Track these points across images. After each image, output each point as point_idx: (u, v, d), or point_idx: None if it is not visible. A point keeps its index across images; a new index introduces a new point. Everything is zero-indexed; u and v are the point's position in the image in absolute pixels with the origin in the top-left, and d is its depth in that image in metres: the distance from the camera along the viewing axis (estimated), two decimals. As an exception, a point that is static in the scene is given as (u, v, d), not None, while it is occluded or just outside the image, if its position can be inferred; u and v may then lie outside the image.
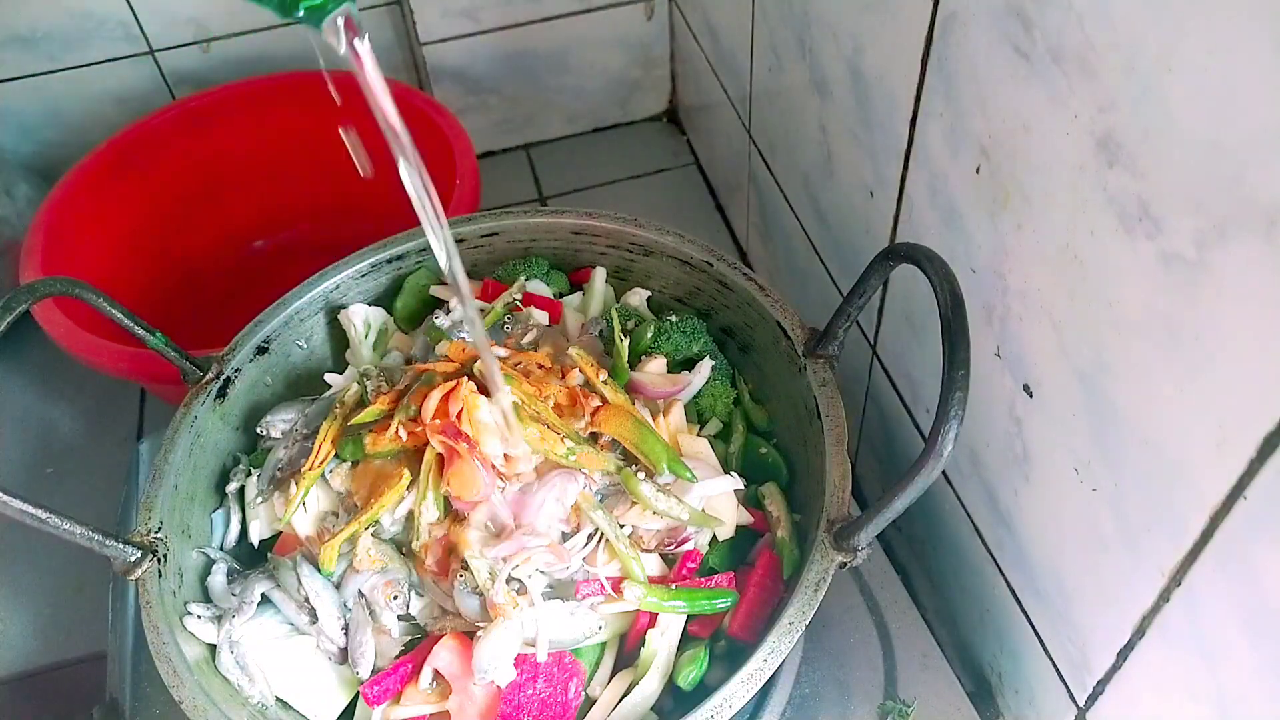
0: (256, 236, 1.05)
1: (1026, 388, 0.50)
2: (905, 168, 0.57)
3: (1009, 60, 0.43)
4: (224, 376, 0.59)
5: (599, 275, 0.64)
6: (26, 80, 1.02)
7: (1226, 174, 0.33)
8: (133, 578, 0.50)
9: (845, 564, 0.47)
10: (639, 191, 1.14)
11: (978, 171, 0.49)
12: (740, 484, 0.54)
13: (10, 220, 0.98)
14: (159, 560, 0.51)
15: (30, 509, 0.45)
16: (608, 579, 0.50)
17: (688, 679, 0.49)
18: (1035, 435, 0.50)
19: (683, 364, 0.60)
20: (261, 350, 0.61)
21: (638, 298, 0.64)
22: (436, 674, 0.49)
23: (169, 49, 1.04)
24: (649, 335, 0.60)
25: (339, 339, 0.64)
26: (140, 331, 0.55)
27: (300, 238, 1.06)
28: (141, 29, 1.01)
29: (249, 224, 1.04)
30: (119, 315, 0.54)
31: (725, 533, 0.54)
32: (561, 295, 0.65)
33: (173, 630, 0.50)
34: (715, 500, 0.54)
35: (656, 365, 0.60)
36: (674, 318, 0.61)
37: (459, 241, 0.63)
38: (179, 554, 0.54)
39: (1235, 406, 0.36)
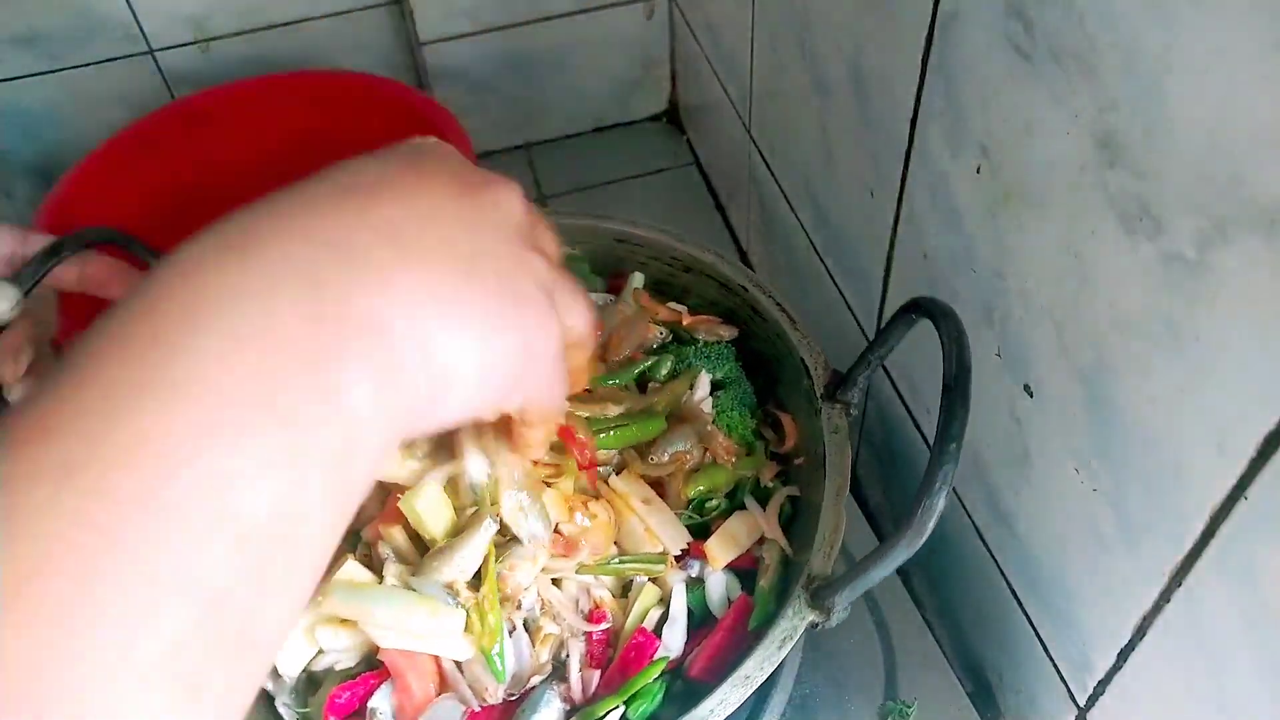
0: (256, 236, 1.05)
1: (1027, 388, 0.50)
2: (905, 168, 0.57)
3: (1009, 60, 0.43)
4: None
5: (633, 281, 0.63)
6: (26, 80, 1.02)
7: (1226, 174, 0.33)
8: None
9: (818, 624, 0.45)
10: (639, 191, 1.14)
11: (978, 171, 0.49)
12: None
13: (10, 220, 0.98)
14: None
15: None
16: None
17: (638, 711, 0.48)
18: (1035, 435, 0.50)
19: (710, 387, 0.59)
20: None
21: (639, 281, 0.63)
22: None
23: (168, 49, 1.04)
24: (665, 371, 0.58)
25: None
26: None
27: (300, 238, 1.06)
28: (141, 29, 1.01)
29: (249, 224, 1.04)
30: None
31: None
32: None
33: None
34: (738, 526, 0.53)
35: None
36: (700, 341, 0.60)
37: None
38: None
39: (1236, 406, 0.36)
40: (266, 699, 0.50)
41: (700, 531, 0.54)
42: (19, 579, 0.21)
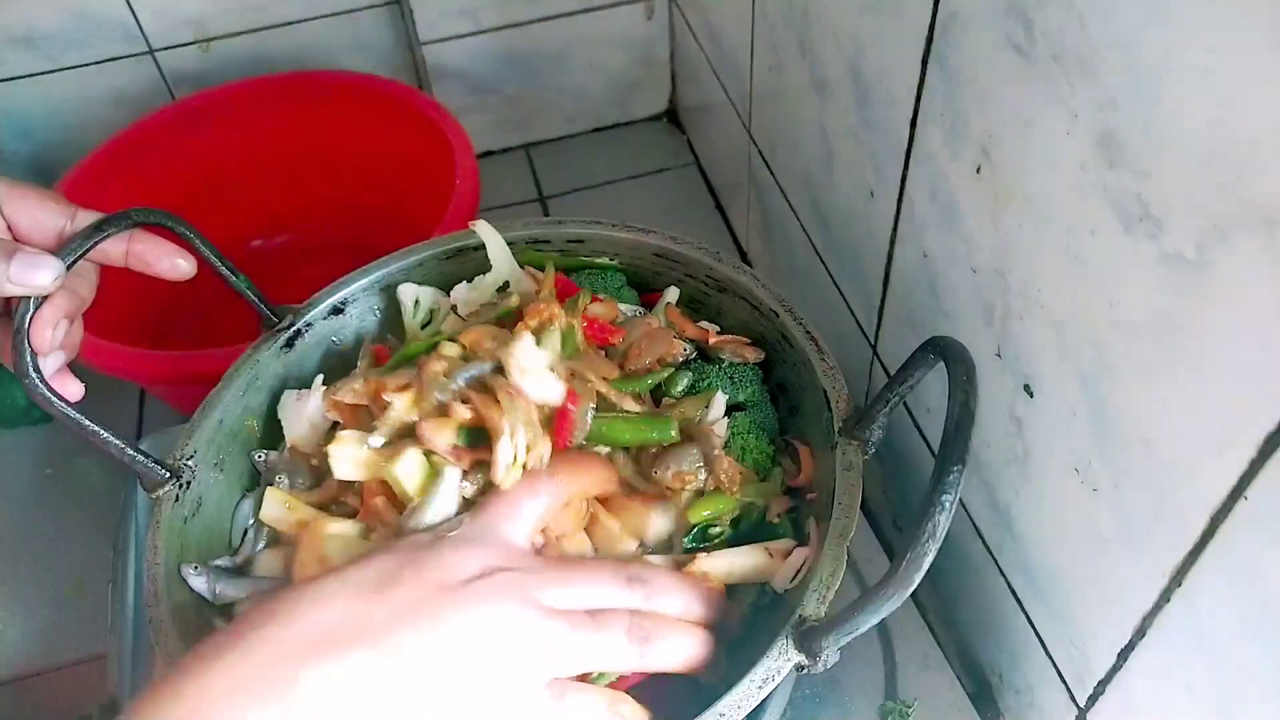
0: (254, 236, 1.05)
1: (1027, 388, 0.50)
2: (905, 168, 0.57)
3: (1009, 60, 0.43)
4: (295, 328, 0.60)
5: (667, 295, 0.63)
6: (26, 80, 1.02)
7: (1226, 174, 0.33)
8: (154, 495, 0.53)
9: (804, 668, 0.43)
10: (639, 191, 1.14)
11: (978, 171, 0.49)
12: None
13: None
14: (181, 486, 0.53)
15: (71, 413, 0.47)
16: None
17: None
18: (1035, 435, 0.50)
19: (730, 408, 0.57)
20: (337, 310, 0.62)
21: (672, 296, 0.63)
22: None
23: (168, 49, 1.04)
24: (681, 387, 0.57)
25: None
26: (225, 271, 0.56)
27: (298, 238, 1.06)
28: (141, 29, 1.01)
29: (247, 224, 1.04)
30: (206, 251, 0.55)
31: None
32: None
33: (169, 553, 0.52)
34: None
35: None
36: (725, 361, 0.58)
37: (544, 243, 0.63)
38: (204, 484, 0.55)
39: (1236, 406, 0.35)
40: None
41: None
42: None
